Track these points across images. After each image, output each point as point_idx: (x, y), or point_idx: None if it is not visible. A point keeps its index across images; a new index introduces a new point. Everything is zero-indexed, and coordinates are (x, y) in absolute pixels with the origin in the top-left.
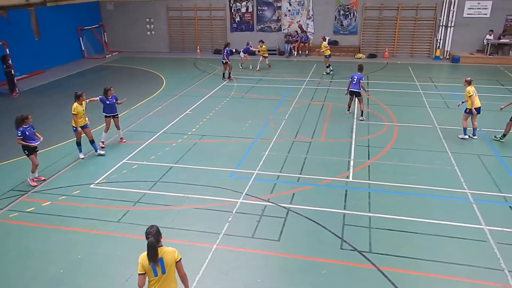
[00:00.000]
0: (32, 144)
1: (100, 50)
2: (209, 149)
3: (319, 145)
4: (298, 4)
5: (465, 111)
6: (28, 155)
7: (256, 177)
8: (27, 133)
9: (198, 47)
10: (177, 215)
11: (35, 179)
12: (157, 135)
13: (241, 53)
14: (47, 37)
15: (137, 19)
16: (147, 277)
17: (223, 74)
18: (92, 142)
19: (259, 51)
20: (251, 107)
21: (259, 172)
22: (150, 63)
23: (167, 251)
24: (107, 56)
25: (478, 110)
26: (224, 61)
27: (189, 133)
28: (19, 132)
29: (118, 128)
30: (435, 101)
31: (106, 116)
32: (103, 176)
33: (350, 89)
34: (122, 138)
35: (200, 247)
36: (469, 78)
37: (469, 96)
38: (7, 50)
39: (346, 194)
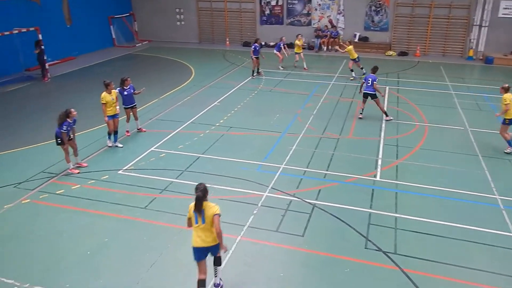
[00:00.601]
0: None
1: (130, 39)
2: (236, 141)
3: (347, 142)
4: None
5: (503, 122)
6: (60, 144)
7: (282, 171)
8: (69, 129)
9: (227, 39)
10: None
11: (76, 166)
12: (185, 125)
13: (275, 51)
14: (79, 24)
15: (167, 9)
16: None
17: (252, 71)
18: (115, 133)
19: (295, 45)
20: (279, 101)
21: (286, 166)
22: (180, 53)
23: (210, 205)
24: (137, 45)
25: None
26: (252, 57)
27: (217, 124)
28: (64, 127)
29: (136, 118)
30: (467, 103)
31: (125, 108)
32: (132, 163)
33: (364, 91)
34: (140, 128)
35: (224, 238)
36: (506, 85)
37: (505, 105)
38: (40, 35)
39: (372, 193)
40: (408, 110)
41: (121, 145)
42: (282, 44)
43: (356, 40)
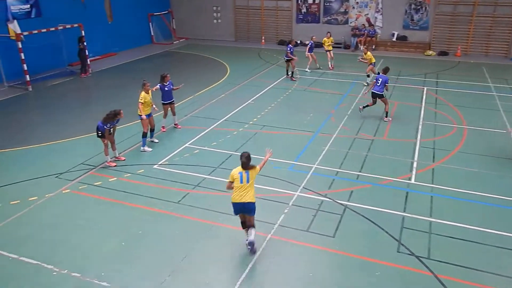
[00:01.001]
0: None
1: (168, 36)
2: (269, 140)
3: (381, 144)
4: None
5: None
6: (100, 137)
7: (314, 171)
8: (111, 126)
9: (263, 37)
10: None
11: (114, 159)
12: (219, 122)
13: (306, 53)
14: (119, 21)
15: (204, 7)
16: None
17: (287, 70)
18: (152, 130)
19: (323, 43)
20: (313, 100)
21: (318, 166)
22: (215, 51)
23: (253, 167)
24: (174, 42)
25: None
26: (286, 58)
27: (250, 122)
28: (108, 125)
29: (173, 114)
30: (511, 105)
31: (163, 104)
32: (166, 158)
33: (372, 91)
34: (177, 124)
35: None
36: None
37: None
38: (83, 32)
39: (406, 196)
40: (447, 111)
41: (156, 140)
42: (312, 44)
43: (394, 39)
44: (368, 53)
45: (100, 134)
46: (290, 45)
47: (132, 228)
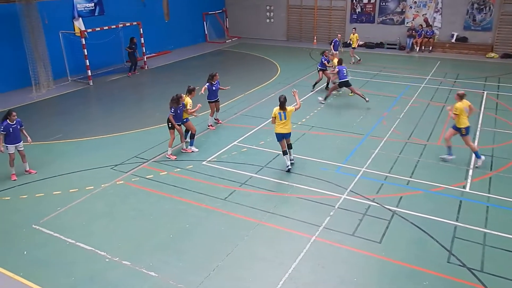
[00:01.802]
0: (177, 124)
1: (221, 35)
2: (317, 141)
3: (434, 149)
4: None
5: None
6: (170, 128)
7: (362, 175)
8: (179, 112)
9: (315, 37)
10: (280, 202)
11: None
12: (267, 121)
13: (333, 50)
14: (175, 19)
15: (258, 6)
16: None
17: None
18: (193, 136)
19: (351, 40)
20: (364, 102)
21: (367, 170)
22: (267, 50)
23: (288, 108)
24: (227, 41)
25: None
26: (319, 68)
27: (299, 123)
28: (172, 110)
29: (217, 110)
30: None
31: (210, 102)
32: (215, 155)
33: (340, 81)
34: (218, 118)
35: (299, 236)
36: (461, 92)
37: (455, 114)
38: (141, 29)
39: (460, 205)
40: (508, 118)
41: (196, 150)
42: (338, 42)
43: (453, 40)
44: (335, 60)
45: (170, 126)
46: (323, 56)
47: (179, 222)
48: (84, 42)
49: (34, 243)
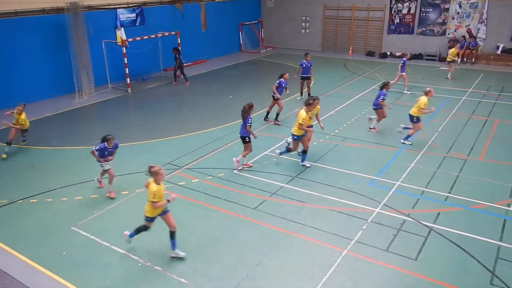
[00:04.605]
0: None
1: (256, 45)
2: (350, 153)
3: (476, 165)
4: (470, 6)
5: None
6: (247, 142)
7: (397, 189)
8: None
9: (350, 48)
10: (311, 213)
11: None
12: None
13: (400, 72)
14: (212, 29)
15: (293, 16)
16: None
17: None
18: (305, 152)
19: (448, 58)
20: (400, 115)
21: (402, 184)
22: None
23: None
24: (261, 51)
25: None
26: (375, 107)
27: (332, 133)
28: (250, 120)
29: (280, 107)
30: None
31: (275, 99)
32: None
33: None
34: (275, 121)
35: (330, 249)
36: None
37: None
38: (179, 39)
39: (504, 224)
40: None
41: (309, 165)
42: (405, 62)
43: (499, 52)
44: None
45: (248, 140)
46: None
47: (210, 230)
48: (124, 51)
49: (72, 244)
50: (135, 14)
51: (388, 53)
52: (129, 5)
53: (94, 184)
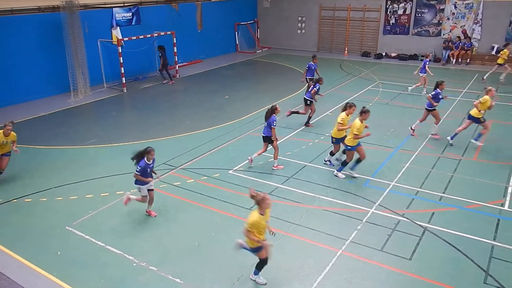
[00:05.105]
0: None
1: (252, 45)
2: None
3: (470, 165)
4: (465, 7)
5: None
6: (272, 142)
7: (392, 189)
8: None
9: (346, 49)
10: (306, 214)
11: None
12: (295, 132)
13: (420, 73)
14: (208, 29)
15: (289, 17)
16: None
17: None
18: (359, 161)
19: (499, 60)
20: (396, 115)
21: (396, 184)
22: (297, 61)
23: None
24: (257, 51)
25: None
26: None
27: (327, 134)
28: (275, 122)
29: (313, 111)
30: None
31: (309, 104)
32: (241, 164)
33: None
34: (309, 123)
35: (325, 249)
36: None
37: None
38: (175, 39)
39: (498, 224)
40: None
41: (356, 175)
42: (427, 63)
43: (493, 52)
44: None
45: (273, 140)
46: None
47: (205, 230)
48: (120, 50)
49: (67, 244)
50: (131, 13)
51: (384, 54)
52: (125, 4)
53: (89, 183)
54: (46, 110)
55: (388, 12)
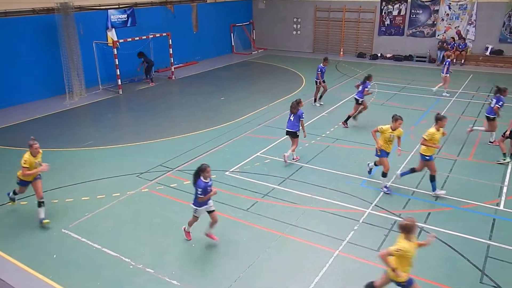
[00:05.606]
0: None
1: (248, 46)
2: (342, 154)
3: (465, 165)
4: (459, 8)
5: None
6: (297, 137)
7: (388, 189)
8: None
9: (341, 50)
10: (303, 214)
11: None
12: None
13: (443, 73)
14: (204, 31)
15: (285, 18)
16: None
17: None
18: (409, 172)
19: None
20: (391, 115)
21: (392, 184)
22: (292, 62)
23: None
24: (253, 52)
25: None
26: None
27: (323, 135)
28: (303, 114)
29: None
30: None
31: (359, 103)
32: (238, 166)
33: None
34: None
35: (322, 250)
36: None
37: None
38: (170, 40)
39: (493, 223)
40: None
41: (440, 193)
42: (449, 63)
43: (488, 53)
44: None
45: (298, 134)
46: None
47: (201, 231)
48: (115, 52)
49: (63, 247)
50: (126, 15)
51: (379, 55)
52: (120, 6)
53: (85, 186)
54: (41, 112)
55: (383, 13)
